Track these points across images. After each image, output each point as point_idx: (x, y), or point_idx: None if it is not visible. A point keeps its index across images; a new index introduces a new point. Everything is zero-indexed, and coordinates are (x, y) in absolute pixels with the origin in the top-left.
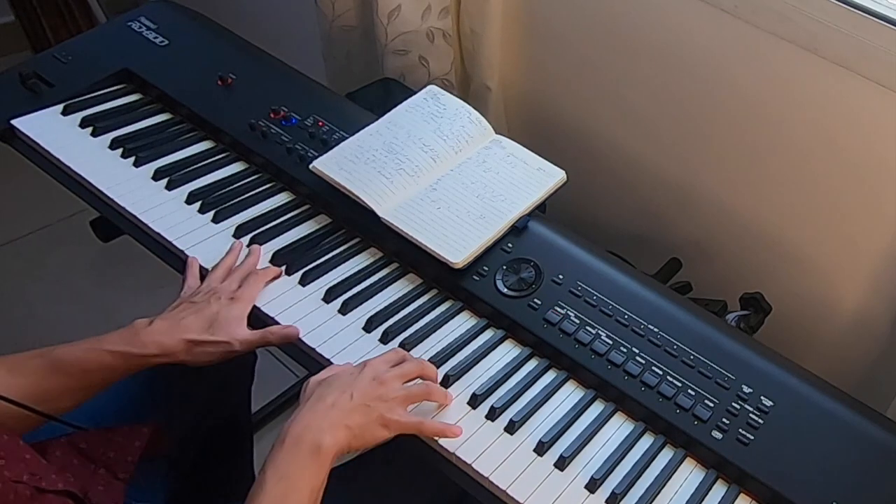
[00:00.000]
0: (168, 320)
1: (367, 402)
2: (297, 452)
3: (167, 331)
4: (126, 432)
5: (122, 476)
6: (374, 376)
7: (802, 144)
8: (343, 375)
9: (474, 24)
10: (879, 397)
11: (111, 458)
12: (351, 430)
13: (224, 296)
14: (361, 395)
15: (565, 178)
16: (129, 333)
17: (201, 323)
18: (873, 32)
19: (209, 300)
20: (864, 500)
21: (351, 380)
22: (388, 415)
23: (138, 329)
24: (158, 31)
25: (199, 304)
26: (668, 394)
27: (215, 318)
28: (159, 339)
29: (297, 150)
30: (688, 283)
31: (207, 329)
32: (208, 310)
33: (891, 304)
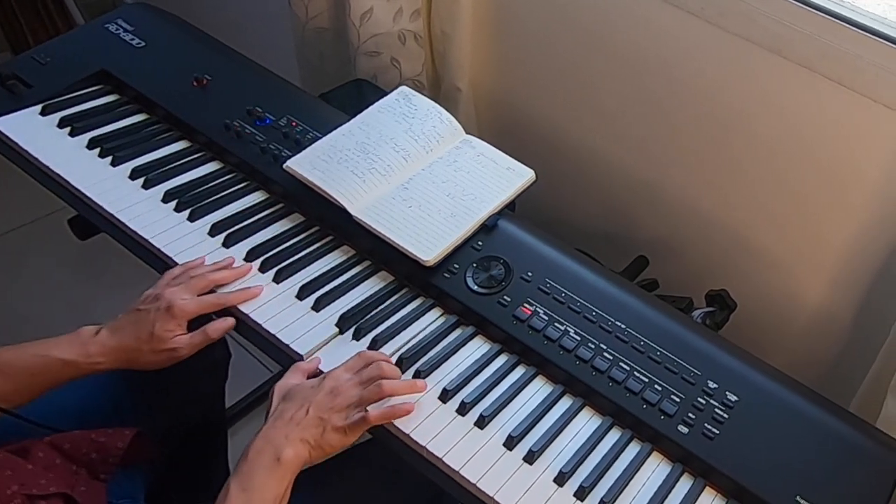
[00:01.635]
0: (111, 330)
1: (321, 414)
2: (258, 464)
3: (109, 341)
4: (109, 434)
5: (104, 477)
6: (332, 388)
7: (768, 144)
8: (304, 389)
9: (445, 26)
10: (842, 392)
11: (93, 459)
12: (308, 444)
13: (163, 304)
14: (316, 409)
15: (534, 178)
16: (77, 342)
17: (139, 335)
18: (836, 34)
19: (150, 309)
20: (826, 492)
21: (309, 393)
22: (343, 423)
23: (85, 338)
24: (135, 33)
25: (140, 313)
26: (635, 389)
27: (152, 329)
28: (103, 349)
29: (271, 149)
30: (654, 280)
31: (146, 341)
32: (147, 320)
33: (853, 302)
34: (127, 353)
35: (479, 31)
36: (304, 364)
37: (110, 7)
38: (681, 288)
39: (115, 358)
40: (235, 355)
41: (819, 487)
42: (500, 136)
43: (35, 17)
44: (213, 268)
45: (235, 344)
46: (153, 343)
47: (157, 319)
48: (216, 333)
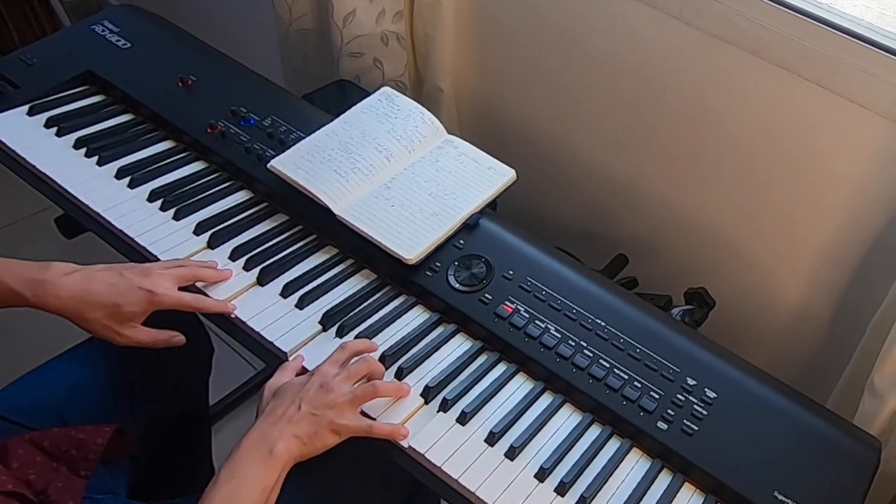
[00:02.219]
0: (80, 283)
1: (315, 410)
2: (251, 455)
3: (71, 297)
4: (89, 431)
5: (84, 473)
6: (321, 383)
7: (746, 144)
8: (294, 385)
9: (427, 28)
10: (820, 389)
11: (73, 456)
12: (300, 440)
13: (147, 285)
14: (309, 405)
15: (515, 177)
16: (40, 278)
17: (106, 300)
18: (814, 36)
19: (132, 281)
20: (804, 488)
21: (300, 389)
22: (337, 420)
23: (49, 278)
24: (121, 34)
25: (121, 279)
26: (614, 386)
27: (120, 303)
28: (60, 299)
29: (255, 149)
30: (634, 278)
31: (108, 308)
32: (122, 291)
33: (830, 300)
34: (82, 306)
35: (461, 33)
36: (291, 363)
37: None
38: (660, 286)
39: (66, 306)
40: (220, 353)
41: (797, 483)
42: (482, 136)
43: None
44: (199, 264)
45: (219, 341)
46: (113, 316)
47: (133, 296)
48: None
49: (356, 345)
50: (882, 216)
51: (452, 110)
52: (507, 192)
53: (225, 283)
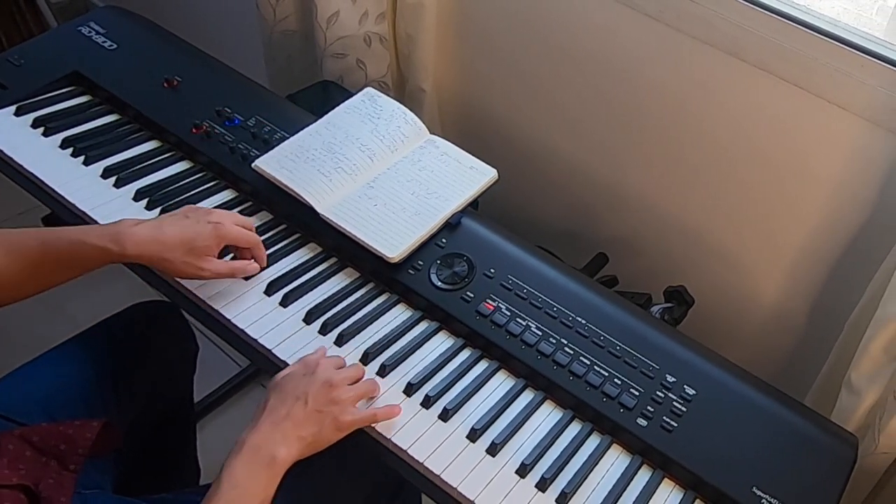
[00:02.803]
0: (152, 229)
1: (321, 407)
2: (252, 463)
3: (148, 240)
4: (78, 426)
5: (73, 468)
6: (325, 379)
7: (725, 145)
8: (296, 378)
9: (410, 29)
10: (798, 386)
11: (62, 450)
12: (304, 440)
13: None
14: (315, 401)
15: (497, 177)
16: (114, 232)
17: (182, 237)
18: (792, 37)
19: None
20: (782, 483)
21: (304, 384)
22: (342, 417)
23: (123, 229)
24: (107, 35)
25: (188, 220)
26: (595, 383)
27: (193, 240)
28: (139, 244)
29: (239, 149)
30: (614, 276)
31: (183, 245)
32: (194, 228)
33: (807, 298)
34: (161, 249)
35: (443, 34)
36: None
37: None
38: (640, 284)
39: (147, 251)
40: (204, 350)
41: (775, 479)
42: (464, 136)
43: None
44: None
45: (204, 338)
46: (189, 251)
47: (204, 231)
48: (240, 272)
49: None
50: (858, 216)
51: (434, 110)
52: (488, 192)
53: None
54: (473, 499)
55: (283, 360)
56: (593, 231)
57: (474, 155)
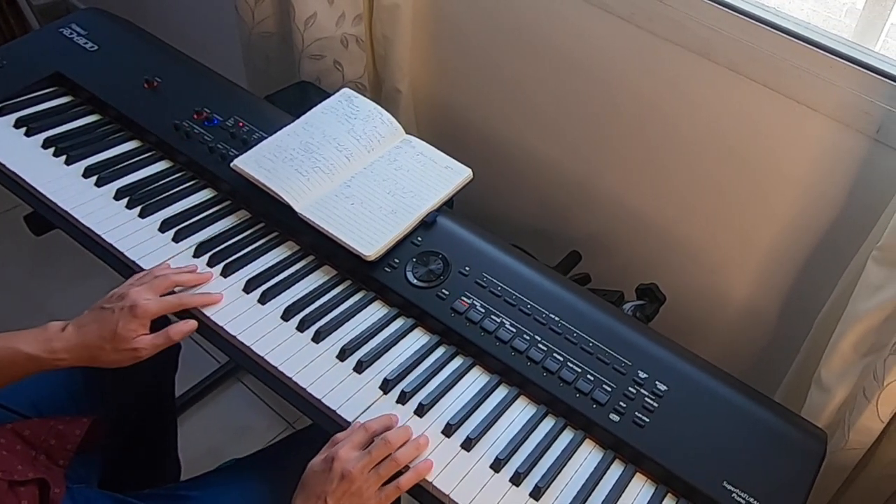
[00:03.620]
0: (76, 327)
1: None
2: None
3: (75, 345)
4: (68, 422)
5: (62, 463)
6: (342, 473)
7: (696, 144)
8: (315, 478)
9: (386, 31)
10: (768, 382)
11: (52, 445)
12: None
13: (128, 303)
14: (335, 500)
15: (472, 176)
16: (43, 338)
17: (102, 333)
18: (762, 39)
19: (114, 308)
20: (753, 478)
21: (322, 482)
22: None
23: (51, 335)
24: (89, 37)
25: (105, 312)
26: (568, 379)
27: (115, 328)
28: (68, 347)
29: (218, 149)
30: (587, 274)
31: (109, 340)
32: (111, 319)
33: (778, 295)
34: (90, 350)
35: (419, 36)
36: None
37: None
38: (612, 282)
39: (79, 355)
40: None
41: (745, 473)
42: (439, 136)
43: None
44: (176, 270)
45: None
46: (116, 342)
47: (121, 318)
48: (178, 336)
49: (374, 424)
50: (828, 215)
51: (410, 111)
52: (463, 191)
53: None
54: (449, 493)
55: (260, 356)
56: (566, 229)
57: (449, 155)
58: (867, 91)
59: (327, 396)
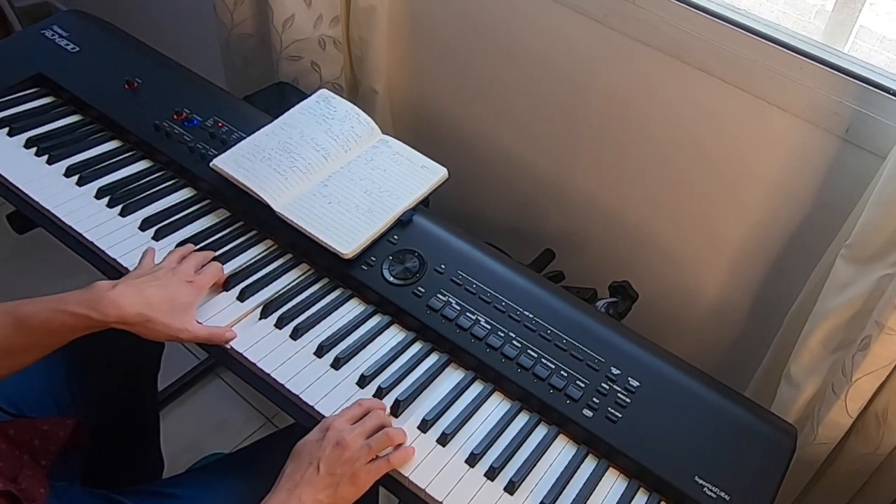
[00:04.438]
0: (132, 288)
1: (333, 470)
2: None
3: (129, 300)
4: (52, 423)
5: (45, 463)
6: (336, 440)
7: (668, 144)
8: (310, 445)
9: (362, 32)
10: (739, 378)
11: (36, 445)
12: (321, 502)
13: (184, 277)
14: (327, 465)
15: (447, 175)
16: (93, 296)
17: (162, 301)
18: (732, 40)
19: (170, 277)
20: (723, 473)
21: (315, 449)
22: (357, 475)
23: (101, 293)
24: (70, 38)
25: (162, 280)
26: (542, 375)
27: (174, 298)
28: (120, 307)
29: (198, 148)
30: (560, 272)
31: (167, 311)
32: (170, 287)
33: (748, 293)
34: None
35: (395, 37)
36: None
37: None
38: (585, 279)
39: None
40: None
41: (716, 468)
42: (415, 135)
43: None
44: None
45: None
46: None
47: (181, 289)
48: (219, 341)
49: (370, 403)
50: (797, 214)
51: (387, 111)
52: (439, 190)
53: None
54: (425, 487)
55: (238, 352)
56: (540, 228)
57: (425, 154)
58: (836, 92)
59: (305, 392)
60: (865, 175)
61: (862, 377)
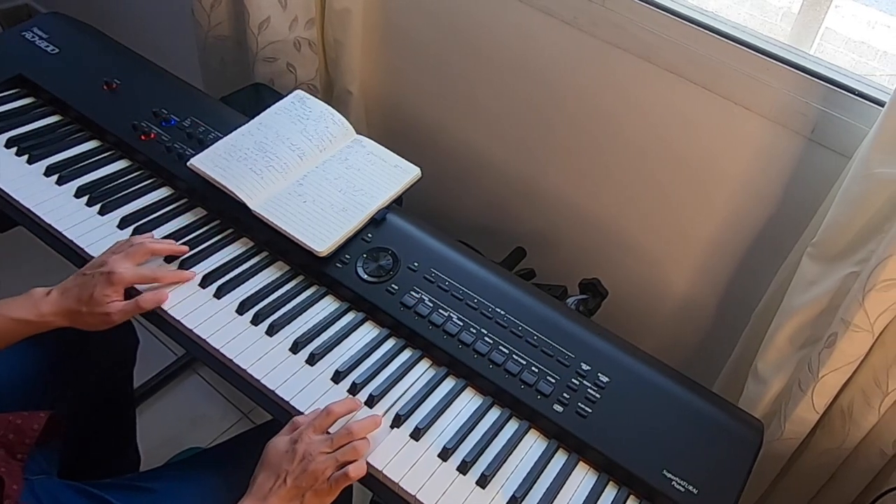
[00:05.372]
0: (59, 291)
1: (299, 483)
2: None
3: (58, 302)
4: (26, 417)
5: (20, 456)
6: (303, 453)
7: (638, 144)
8: (277, 457)
9: (337, 34)
10: (706, 374)
11: (10, 439)
12: None
13: (105, 270)
14: (294, 478)
15: (420, 174)
16: (29, 303)
17: (80, 297)
18: (701, 42)
19: (93, 274)
20: (691, 467)
21: (283, 461)
22: (321, 486)
23: (36, 299)
24: (50, 40)
25: (85, 277)
26: (513, 371)
27: (91, 293)
28: (53, 308)
29: (175, 148)
30: (531, 269)
31: (86, 303)
32: (89, 284)
33: (716, 290)
34: (71, 314)
35: (369, 39)
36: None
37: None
38: (556, 277)
39: (63, 317)
40: (142, 339)
41: (685, 462)
42: (389, 135)
43: None
44: (153, 240)
45: (142, 328)
46: (91, 306)
47: (97, 284)
48: (147, 305)
49: (338, 408)
50: (764, 212)
51: (361, 111)
52: (412, 189)
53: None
54: (398, 481)
55: (216, 349)
56: (512, 226)
57: (399, 154)
58: (803, 92)
59: (280, 387)
60: (831, 174)
61: (828, 373)
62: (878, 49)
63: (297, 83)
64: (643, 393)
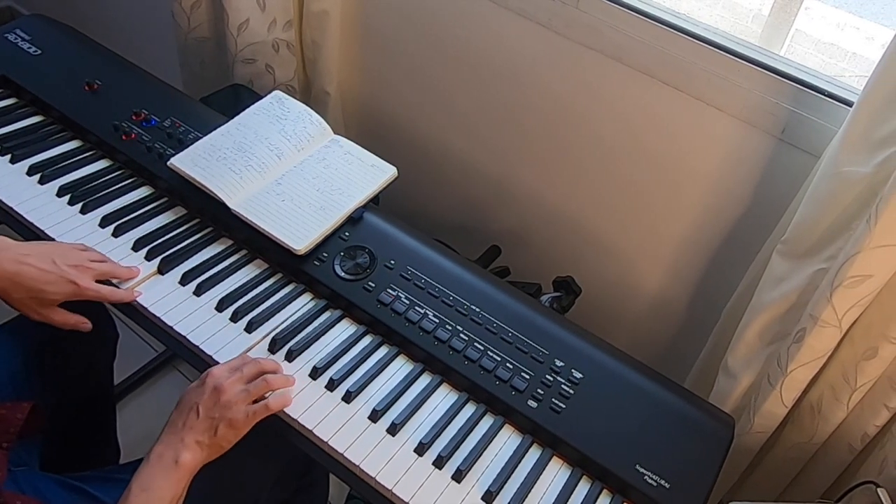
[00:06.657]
0: (13, 264)
1: (211, 414)
2: (156, 467)
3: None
4: (9, 407)
5: (5, 446)
6: (214, 386)
7: (610, 143)
8: (191, 393)
9: (315, 36)
10: (678, 370)
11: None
12: (203, 444)
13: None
14: (205, 409)
15: (396, 174)
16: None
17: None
18: (673, 44)
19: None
20: (664, 461)
21: (195, 396)
22: (233, 417)
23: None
24: (32, 41)
25: (54, 265)
26: (488, 367)
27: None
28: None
29: (156, 148)
30: (506, 267)
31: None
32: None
33: (688, 287)
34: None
35: (347, 41)
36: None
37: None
38: (530, 275)
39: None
40: (123, 336)
41: (657, 456)
42: (365, 135)
43: None
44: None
45: (123, 325)
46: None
47: (58, 287)
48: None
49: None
50: (734, 210)
51: (338, 112)
52: (389, 188)
53: None
54: (375, 475)
55: (195, 345)
56: (487, 225)
57: (375, 154)
58: (773, 93)
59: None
60: (800, 173)
61: (796, 368)
62: (848, 50)
63: (275, 84)
64: (616, 389)
